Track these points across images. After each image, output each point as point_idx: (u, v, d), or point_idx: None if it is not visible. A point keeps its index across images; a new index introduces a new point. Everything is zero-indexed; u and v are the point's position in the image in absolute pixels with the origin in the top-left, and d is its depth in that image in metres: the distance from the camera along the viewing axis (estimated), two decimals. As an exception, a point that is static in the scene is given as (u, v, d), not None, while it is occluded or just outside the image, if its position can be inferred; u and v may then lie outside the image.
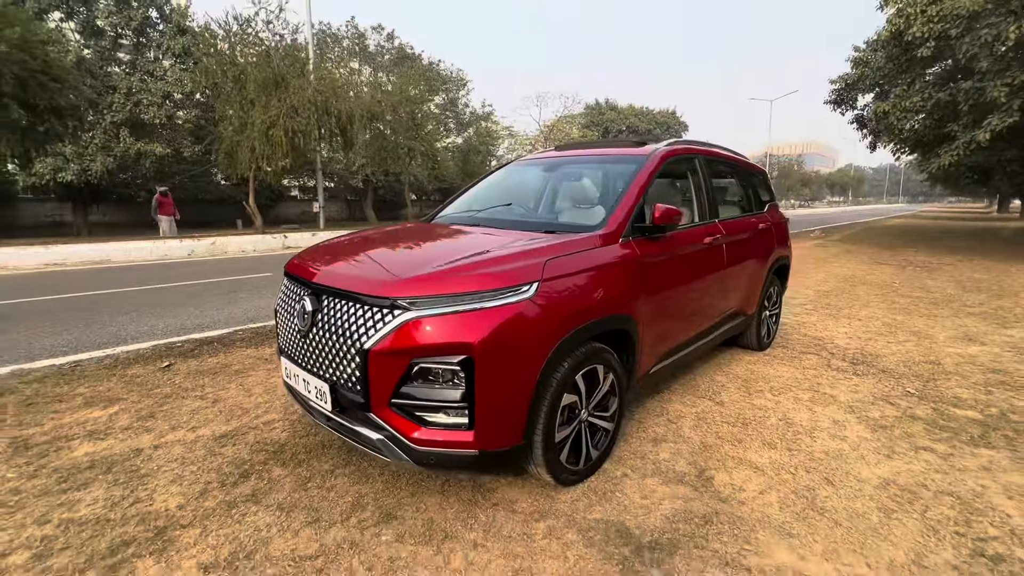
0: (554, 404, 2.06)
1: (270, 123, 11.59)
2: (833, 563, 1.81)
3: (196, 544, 1.88)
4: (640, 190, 2.66)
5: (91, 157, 15.95)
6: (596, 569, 1.77)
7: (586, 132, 49.47)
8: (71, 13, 18.74)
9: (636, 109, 58.28)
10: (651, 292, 2.57)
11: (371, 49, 30.99)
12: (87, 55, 18.57)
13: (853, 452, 2.59)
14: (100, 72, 17.98)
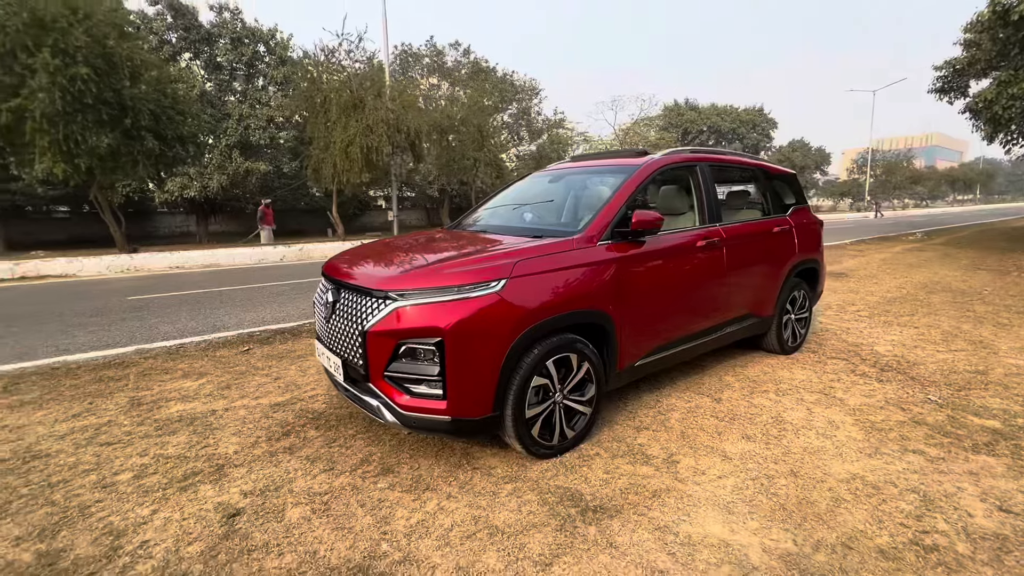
0: (523, 384, 2.39)
1: (348, 141, 12.92)
2: (760, 537, 1.97)
3: (241, 478, 2.45)
4: (623, 198, 2.92)
5: (209, 176, 18.56)
6: (540, 521, 2.08)
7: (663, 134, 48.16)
8: (198, 53, 21.85)
9: (719, 108, 55.69)
10: (631, 291, 2.81)
11: (449, 64, 32.61)
12: (209, 88, 21.59)
13: (834, 450, 2.64)
14: (219, 102, 20.83)
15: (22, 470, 2.55)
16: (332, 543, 1.98)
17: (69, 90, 9.12)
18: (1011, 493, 2.24)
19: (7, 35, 8.78)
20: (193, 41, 21.11)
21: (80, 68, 9.15)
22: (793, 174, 4.40)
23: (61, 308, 6.71)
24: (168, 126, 11.33)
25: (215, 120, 20.08)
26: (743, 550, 1.90)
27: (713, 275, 3.34)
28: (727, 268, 3.42)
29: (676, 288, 3.12)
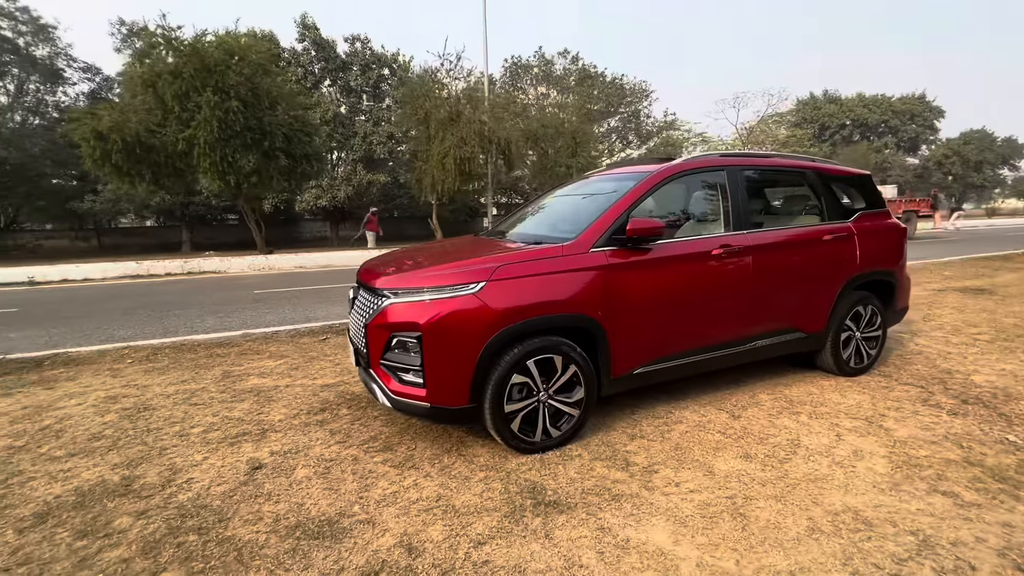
0: (502, 381, 2.56)
1: (444, 153, 13.93)
2: (702, 552, 1.92)
3: (276, 441, 2.96)
4: (624, 206, 2.93)
5: (337, 187, 21.19)
6: (493, 507, 2.25)
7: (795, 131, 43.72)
8: (335, 80, 25.02)
9: (866, 99, 48.96)
10: (626, 297, 2.82)
11: (558, 72, 33.07)
12: (343, 110, 24.60)
13: (842, 480, 2.40)
14: (348, 122, 23.66)
15: (134, 418, 3.34)
16: (318, 499, 2.35)
17: (224, 121, 11.33)
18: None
19: (183, 80, 11.22)
20: (331, 69, 24.28)
21: (232, 102, 11.32)
22: (861, 175, 3.92)
23: (203, 298, 8.30)
24: (297, 146, 13.38)
25: (344, 138, 22.87)
26: (676, 562, 1.88)
27: (735, 285, 3.16)
28: (754, 278, 3.21)
29: (685, 296, 3.03)
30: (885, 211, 3.97)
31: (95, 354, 4.86)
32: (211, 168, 12.11)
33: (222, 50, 11.55)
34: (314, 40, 22.85)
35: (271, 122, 12.67)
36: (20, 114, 22.40)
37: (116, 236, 28.86)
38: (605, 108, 30.98)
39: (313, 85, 23.38)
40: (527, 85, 32.54)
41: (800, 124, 47.08)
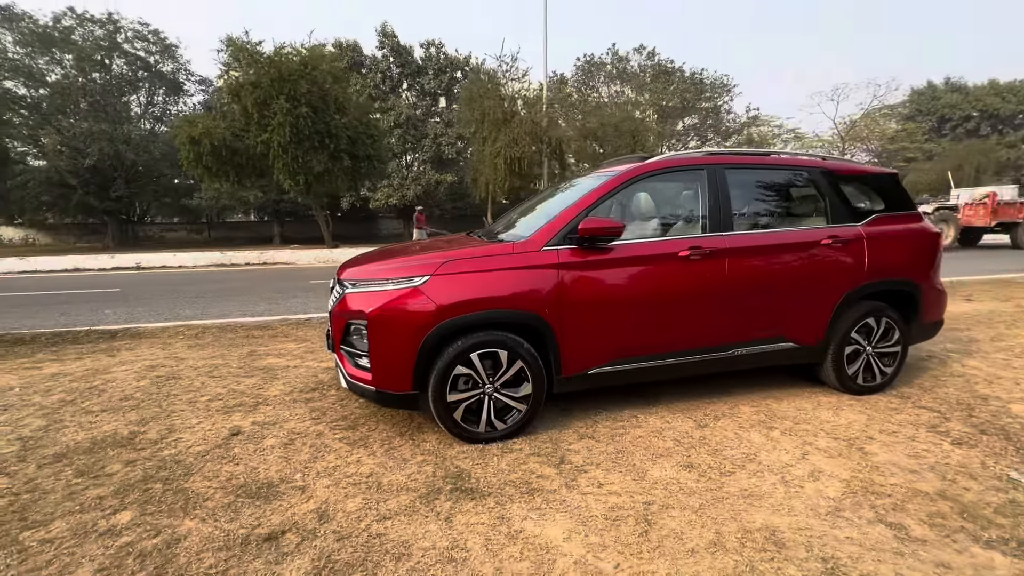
0: (445, 371, 2.68)
1: (496, 153, 14.18)
2: (587, 552, 1.92)
3: (262, 413, 3.31)
4: (583, 205, 2.92)
5: (407, 187, 22.32)
6: (414, 488, 2.38)
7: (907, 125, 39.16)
8: (412, 85, 26.30)
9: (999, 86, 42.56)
10: (579, 297, 2.81)
11: (634, 69, 32.20)
12: (418, 112, 25.80)
13: (780, 500, 2.25)
14: (420, 124, 24.78)
15: (162, 384, 3.87)
16: (270, 465, 2.62)
17: (294, 125, 12.47)
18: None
19: (262, 89, 12.51)
20: (407, 74, 25.58)
21: (302, 108, 12.43)
22: (882, 174, 3.54)
23: (264, 286, 9.21)
24: (360, 148, 14.34)
25: (416, 140, 24.01)
26: (556, 557, 1.90)
27: (706, 288, 3.02)
28: (731, 282, 3.05)
29: (648, 298, 2.95)
30: (912, 214, 3.56)
31: (157, 330, 5.64)
32: (284, 168, 13.41)
33: (296, 61, 12.74)
34: (392, 47, 24.20)
35: (337, 126, 13.73)
36: (148, 122, 25.99)
37: (224, 229, 32.53)
38: (682, 105, 29.68)
39: (391, 89, 24.78)
40: (599, 83, 32.06)
41: (913, 116, 41.96)
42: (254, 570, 1.85)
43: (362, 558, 1.90)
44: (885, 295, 3.44)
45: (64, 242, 28.10)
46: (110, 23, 23.97)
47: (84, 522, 2.15)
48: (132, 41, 24.63)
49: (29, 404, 3.49)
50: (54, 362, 4.48)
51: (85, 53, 22.72)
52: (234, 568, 1.86)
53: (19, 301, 8.29)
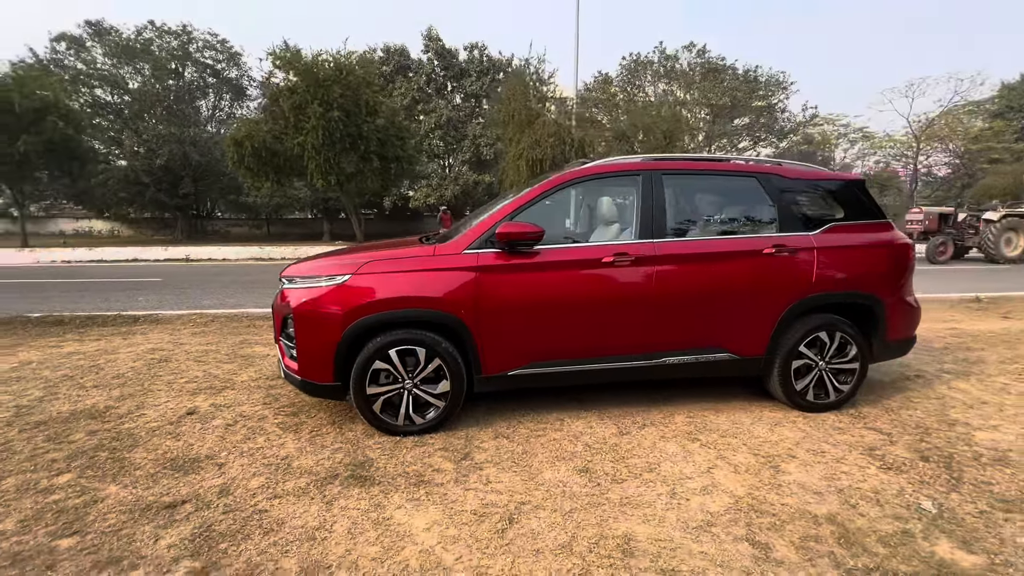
0: (364, 365, 2.84)
1: (519, 155, 14.25)
2: (439, 542, 2.01)
3: (223, 396, 3.61)
4: (507, 210, 3.00)
5: (446, 186, 22.87)
6: (317, 471, 2.55)
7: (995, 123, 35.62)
8: (456, 87, 26.85)
9: (1115, 75, 37.71)
10: (498, 299, 2.89)
11: (684, 67, 31.22)
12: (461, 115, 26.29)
13: (654, 511, 2.23)
14: (460, 125, 25.26)
15: (152, 366, 4.29)
16: (205, 443, 2.88)
17: (327, 128, 13.14)
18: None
19: (298, 94, 13.30)
20: (451, 76, 26.15)
21: (334, 112, 13.07)
22: (845, 180, 3.34)
23: (289, 279, 9.78)
24: (389, 150, 14.88)
25: (456, 140, 24.52)
26: (408, 544, 2.00)
27: (632, 295, 3.00)
28: (659, 289, 3.01)
29: (570, 303, 2.98)
30: (878, 224, 3.36)
31: (173, 317, 6.19)
32: (317, 169, 14.19)
33: (331, 67, 13.44)
34: (436, 50, 24.83)
35: (368, 129, 14.34)
36: (214, 125, 28.13)
37: (281, 225, 34.56)
38: (731, 103, 28.48)
39: (435, 91, 25.43)
40: (646, 82, 31.33)
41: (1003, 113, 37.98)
42: (142, 532, 2.08)
43: (237, 530, 2.09)
44: (841, 308, 3.26)
45: (143, 234, 30.91)
46: (184, 34, 26.16)
47: (30, 480, 2.48)
48: (202, 50, 26.74)
49: (38, 377, 3.99)
50: (75, 342, 5.05)
51: (161, 62, 24.92)
52: (127, 529, 2.10)
53: (76, 286, 9.31)
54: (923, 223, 13.48)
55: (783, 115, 30.50)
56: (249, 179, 15.67)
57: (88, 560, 1.91)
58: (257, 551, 1.96)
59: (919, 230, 13.53)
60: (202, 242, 23.81)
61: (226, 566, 1.88)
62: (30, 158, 16.30)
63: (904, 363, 4.39)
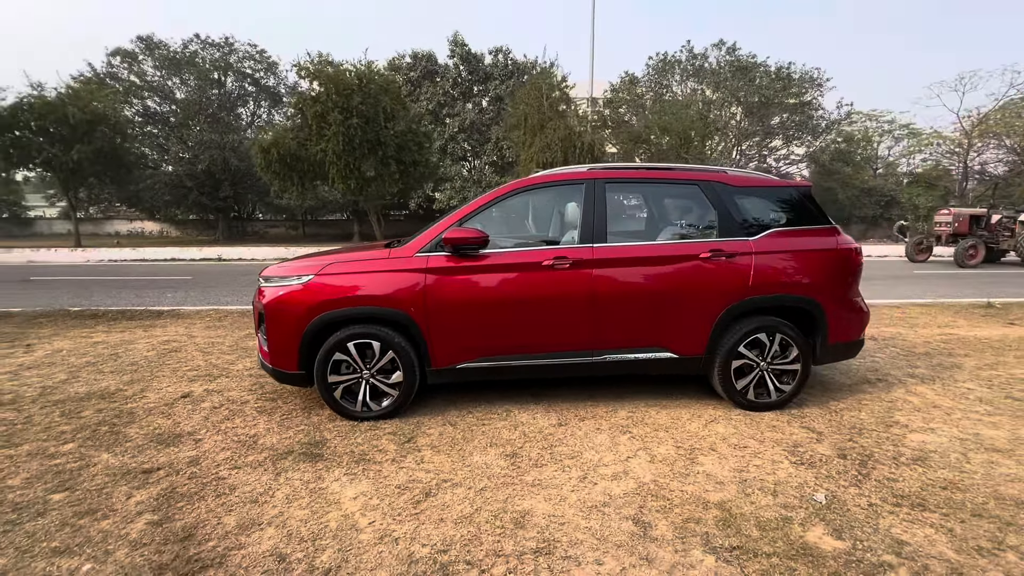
0: (326, 356, 3.17)
1: (530, 159, 14.46)
2: (359, 508, 2.31)
3: (217, 383, 4.03)
4: (457, 217, 3.28)
5: (468, 188, 23.32)
6: (279, 447, 2.90)
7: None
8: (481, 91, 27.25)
9: None
10: (445, 298, 3.17)
11: (713, 65, 30.65)
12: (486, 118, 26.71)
13: (560, 492, 2.46)
14: (485, 129, 25.64)
15: (164, 355, 4.79)
16: (190, 420, 3.29)
17: (346, 135, 13.76)
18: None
19: (320, 103, 13.98)
20: (476, 80, 26.60)
21: (354, 119, 13.67)
22: (790, 186, 3.44)
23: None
24: (407, 154, 15.41)
25: (480, 143, 24.96)
26: (332, 508, 2.30)
27: (570, 296, 3.22)
28: (597, 291, 3.22)
29: (512, 303, 3.22)
30: (822, 229, 3.44)
31: (192, 312, 6.77)
32: (338, 174, 14.87)
33: (352, 77, 14.08)
34: (461, 55, 25.33)
35: (386, 135, 14.92)
36: (253, 132, 29.54)
37: (315, 226, 35.96)
38: (760, 101, 27.78)
39: (460, 95, 25.94)
40: (674, 82, 30.92)
41: (1066, 107, 35.35)
42: (119, 491, 2.47)
43: (195, 492, 2.45)
44: (784, 311, 3.38)
45: (188, 235, 32.86)
46: (226, 46, 27.68)
47: (41, 447, 2.93)
48: (242, 61, 28.22)
49: (65, 363, 4.54)
50: (103, 333, 5.64)
51: (205, 73, 26.47)
52: (108, 488, 2.49)
53: (116, 283, 10.17)
54: (952, 225, 12.89)
55: (817, 113, 29.46)
56: (276, 184, 16.55)
57: (71, 510, 2.30)
58: (206, 509, 2.31)
59: (947, 232, 12.96)
60: (239, 242, 25.17)
61: (178, 520, 2.24)
62: (83, 165, 17.77)
63: (872, 367, 4.41)
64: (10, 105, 17.00)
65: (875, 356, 4.77)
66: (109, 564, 1.95)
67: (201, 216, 31.15)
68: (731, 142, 30.48)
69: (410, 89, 25.54)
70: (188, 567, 1.93)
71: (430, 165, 17.91)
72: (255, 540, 2.09)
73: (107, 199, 29.63)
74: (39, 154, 17.62)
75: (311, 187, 17.22)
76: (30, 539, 2.10)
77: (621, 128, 22.04)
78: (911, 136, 33.70)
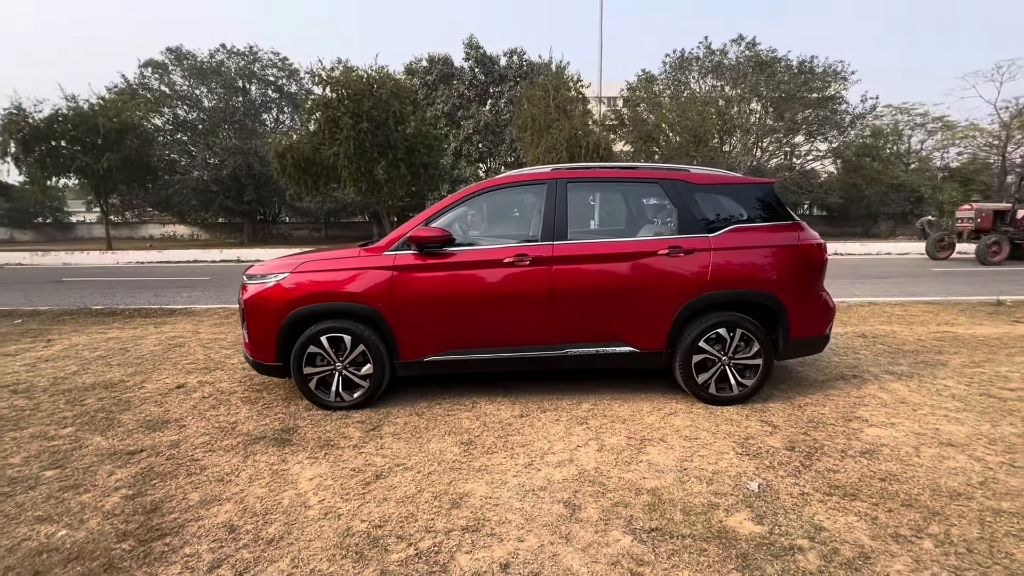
0: (301, 349, 3.38)
1: (536, 159, 14.54)
2: (312, 487, 2.49)
3: (211, 375, 4.29)
4: (423, 217, 3.44)
5: (483, 189, 23.59)
6: (254, 433, 3.11)
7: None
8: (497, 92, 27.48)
9: None
10: (412, 294, 3.33)
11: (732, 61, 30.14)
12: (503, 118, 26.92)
13: (503, 477, 2.58)
14: (500, 130, 25.85)
15: (168, 350, 5.10)
16: (178, 408, 3.53)
17: (357, 139, 14.14)
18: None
19: (331, 108, 14.43)
20: (491, 82, 26.84)
21: (364, 123, 14.04)
22: (752, 184, 3.48)
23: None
24: (416, 157, 15.72)
25: (494, 145, 25.19)
26: (288, 489, 2.49)
27: (531, 292, 3.34)
28: (557, 287, 3.33)
29: (476, 299, 3.36)
30: (785, 225, 3.47)
31: (202, 311, 7.13)
32: (349, 177, 15.30)
33: (362, 82, 14.47)
34: (477, 58, 25.60)
35: (396, 138, 15.27)
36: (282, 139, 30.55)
37: (338, 228, 36.82)
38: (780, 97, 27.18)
39: (475, 96, 26.23)
40: (691, 80, 30.51)
41: (1116, 96, 33.41)
42: (104, 469, 2.71)
43: (169, 472, 2.68)
44: (743, 306, 3.43)
45: (218, 238, 34.11)
46: (251, 54, 28.64)
47: (43, 431, 3.21)
48: (266, 68, 29.16)
49: (78, 356, 4.89)
50: (118, 329, 6.02)
51: (230, 80, 27.47)
52: (95, 467, 2.74)
53: (139, 284, 10.74)
54: (974, 221, 12.42)
55: (842, 107, 28.64)
56: (292, 187, 17.11)
57: (58, 485, 2.55)
58: (176, 487, 2.53)
59: (969, 228, 12.48)
60: (263, 244, 26.02)
61: (149, 495, 2.46)
62: (112, 173, 18.75)
63: (853, 364, 4.39)
64: (47, 117, 18.07)
65: (859, 353, 4.74)
66: (82, 531, 2.17)
67: (228, 219, 32.30)
68: (751, 140, 29.94)
69: (426, 92, 25.93)
70: (148, 534, 2.14)
71: (441, 167, 18.21)
72: (213, 513, 2.29)
73: (140, 204, 30.98)
74: (72, 162, 18.68)
75: (326, 190, 17.75)
76: (18, 508, 2.35)
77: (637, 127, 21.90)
78: (945, 129, 32.44)
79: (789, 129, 30.26)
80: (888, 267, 12.33)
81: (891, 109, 31.22)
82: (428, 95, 25.92)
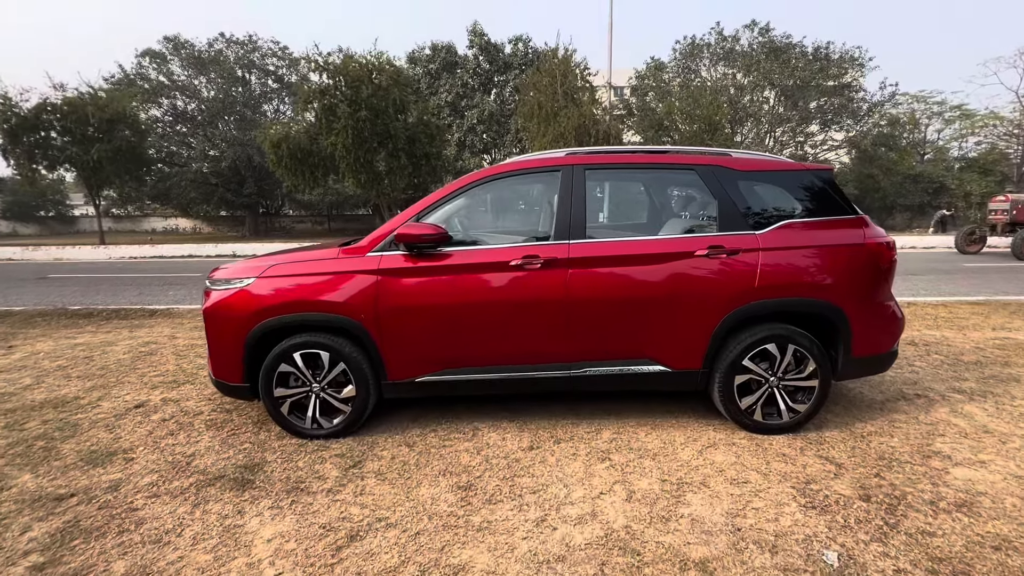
0: (270, 367, 2.85)
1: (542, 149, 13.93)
2: (271, 556, 1.97)
3: (178, 391, 3.78)
4: (413, 211, 2.89)
5: (488, 181, 22.97)
6: (212, 470, 2.59)
7: None
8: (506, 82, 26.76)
9: None
10: (401, 303, 2.79)
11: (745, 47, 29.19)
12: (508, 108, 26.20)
13: (510, 539, 2.06)
14: (505, 120, 25.15)
15: (137, 359, 4.59)
16: (133, 437, 3.02)
17: (355, 128, 13.55)
18: None
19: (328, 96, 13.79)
20: (496, 71, 26.09)
21: (362, 113, 13.43)
22: (807, 170, 2.90)
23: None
24: (418, 147, 15.10)
25: (499, 135, 24.50)
26: (239, 556, 1.97)
27: (543, 300, 2.79)
28: (574, 294, 2.78)
29: (478, 308, 2.81)
30: (846, 220, 2.90)
31: (184, 312, 6.64)
32: (348, 168, 14.71)
33: (360, 69, 13.85)
34: (481, 46, 24.85)
35: (395, 127, 14.66)
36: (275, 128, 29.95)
37: (341, 221, 36.30)
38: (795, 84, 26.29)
39: (479, 85, 25.51)
40: (702, 67, 29.58)
41: None
42: (19, 523, 2.20)
43: (97, 527, 2.16)
44: (795, 318, 2.87)
45: (220, 232, 33.66)
46: (250, 43, 27.99)
47: (-34, 465, 2.71)
48: (266, 58, 28.50)
49: (37, 367, 4.40)
50: (89, 333, 5.53)
51: (230, 72, 26.86)
52: (10, 518, 2.23)
53: (126, 280, 10.26)
54: (1009, 213, 11.71)
55: (858, 95, 27.69)
56: (288, 179, 16.57)
57: (-44, 547, 2.04)
58: (99, 551, 2.01)
59: (1004, 220, 11.78)
60: (264, 238, 25.54)
61: (65, 564, 1.95)
62: (103, 164, 18.21)
63: (910, 379, 3.82)
64: (34, 106, 17.53)
65: (914, 364, 4.16)
66: (-39, 623, 1.66)
67: (230, 213, 31.84)
68: (764, 128, 29.04)
69: (429, 81, 25.25)
70: (43, 633, 1.62)
71: (444, 158, 17.60)
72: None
73: (139, 197, 30.54)
74: (61, 153, 18.15)
75: (323, 182, 17.19)
76: None
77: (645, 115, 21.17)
78: (963, 118, 31.42)
79: (803, 118, 29.34)
80: (915, 263, 11.66)
81: (908, 97, 30.24)
82: (431, 84, 25.24)
